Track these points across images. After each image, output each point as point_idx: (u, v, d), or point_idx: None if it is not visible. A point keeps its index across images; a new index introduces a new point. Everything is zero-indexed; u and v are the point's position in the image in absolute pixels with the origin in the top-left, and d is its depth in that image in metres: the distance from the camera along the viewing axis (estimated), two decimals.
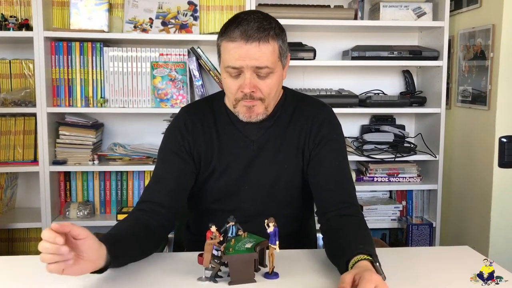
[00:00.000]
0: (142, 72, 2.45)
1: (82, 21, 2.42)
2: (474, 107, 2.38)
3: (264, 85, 1.29)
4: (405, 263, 1.26)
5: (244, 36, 1.24)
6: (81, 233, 0.99)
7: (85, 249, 1.00)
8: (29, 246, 2.61)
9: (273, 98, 1.35)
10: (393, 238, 2.75)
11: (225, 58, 1.29)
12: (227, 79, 1.31)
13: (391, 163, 2.61)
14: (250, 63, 1.25)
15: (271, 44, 1.26)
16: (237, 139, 1.40)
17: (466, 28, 2.44)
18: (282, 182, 1.40)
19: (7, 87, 2.48)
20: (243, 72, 1.27)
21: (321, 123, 1.40)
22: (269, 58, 1.26)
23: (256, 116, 1.33)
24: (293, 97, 1.46)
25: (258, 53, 1.25)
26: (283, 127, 1.41)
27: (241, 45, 1.24)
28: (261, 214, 1.23)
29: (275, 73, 1.30)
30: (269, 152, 1.40)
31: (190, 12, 2.52)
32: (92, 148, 2.46)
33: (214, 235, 1.08)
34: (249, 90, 1.28)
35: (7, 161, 2.44)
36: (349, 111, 2.53)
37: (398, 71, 2.79)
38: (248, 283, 1.11)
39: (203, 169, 1.40)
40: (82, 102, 2.43)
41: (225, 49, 1.28)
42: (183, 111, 1.46)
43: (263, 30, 1.25)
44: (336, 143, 1.40)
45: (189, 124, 1.40)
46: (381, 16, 2.49)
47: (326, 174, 1.37)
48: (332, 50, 2.72)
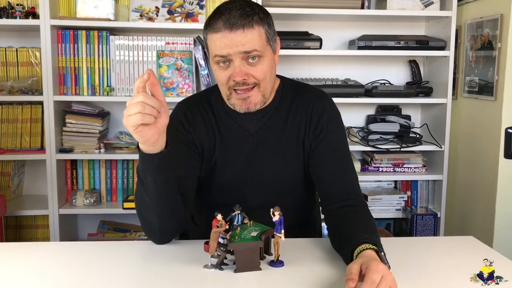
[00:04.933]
0: (148, 61, 2.46)
1: (88, 9, 2.42)
2: (480, 97, 2.37)
3: (256, 71, 1.26)
4: (410, 253, 1.27)
5: (227, 25, 1.22)
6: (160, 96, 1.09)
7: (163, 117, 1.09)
8: (36, 233, 2.63)
9: (268, 83, 1.31)
10: (397, 228, 2.75)
11: (212, 49, 1.26)
12: (217, 70, 1.28)
13: (397, 153, 2.61)
14: (237, 49, 1.22)
15: (256, 29, 1.24)
16: (236, 132, 1.38)
17: (473, 18, 2.42)
18: (283, 173, 1.40)
19: (14, 75, 2.49)
20: (232, 61, 1.25)
21: (320, 113, 1.38)
22: (256, 42, 1.23)
23: (254, 105, 1.31)
24: (290, 86, 1.43)
25: (244, 39, 1.22)
26: (282, 119, 1.39)
27: (226, 34, 1.22)
28: (264, 206, 1.23)
29: (265, 58, 1.27)
30: (269, 144, 1.38)
31: (196, 1, 2.52)
32: (98, 137, 2.47)
33: (220, 223, 1.09)
34: (240, 78, 1.25)
35: (14, 149, 2.47)
36: (355, 101, 2.52)
37: (405, 61, 2.78)
38: (253, 271, 1.12)
39: (205, 161, 1.39)
40: (89, 90, 2.44)
41: (211, 41, 1.26)
42: (180, 104, 1.43)
43: (246, 17, 1.23)
44: (336, 133, 1.39)
45: (189, 116, 1.39)
46: (388, 5, 2.48)
47: (328, 166, 1.36)
48: (339, 40, 2.71)
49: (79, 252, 1.27)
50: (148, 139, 1.09)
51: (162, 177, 1.17)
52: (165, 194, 1.20)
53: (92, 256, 1.23)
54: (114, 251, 1.27)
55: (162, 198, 1.20)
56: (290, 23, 2.63)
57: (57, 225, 2.43)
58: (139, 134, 1.08)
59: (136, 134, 1.08)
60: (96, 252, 1.26)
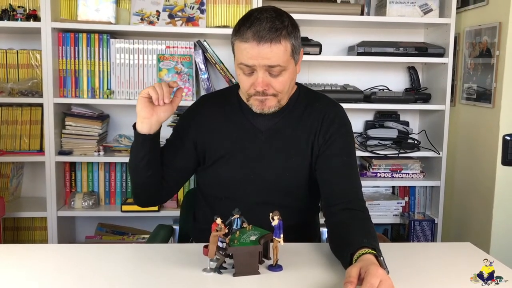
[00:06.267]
0: (148, 65, 2.46)
1: (89, 12, 2.43)
2: (478, 104, 2.38)
3: (277, 82, 1.33)
4: (407, 258, 1.27)
5: (256, 37, 1.27)
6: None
7: (167, 108, 1.35)
8: (34, 235, 2.63)
9: (286, 93, 1.39)
10: (395, 233, 2.76)
11: (238, 57, 1.33)
12: (241, 75, 1.36)
13: (395, 159, 2.62)
14: (262, 62, 1.29)
15: (283, 44, 1.29)
16: (246, 129, 1.44)
17: (472, 26, 2.44)
18: (288, 173, 1.43)
19: (14, 77, 2.50)
20: (256, 70, 1.31)
21: (331, 120, 1.43)
22: (280, 57, 1.29)
23: (268, 108, 1.38)
24: (306, 94, 1.50)
25: (270, 53, 1.28)
26: (294, 121, 1.44)
27: (253, 46, 1.28)
28: (265, 203, 1.26)
29: (287, 70, 1.33)
30: (276, 143, 1.43)
31: (197, 5, 2.53)
32: (97, 139, 2.48)
33: (220, 227, 1.10)
34: (262, 88, 1.32)
35: (14, 151, 2.46)
36: (353, 106, 2.53)
37: (403, 68, 2.79)
38: (252, 275, 1.12)
39: (209, 155, 1.45)
40: (89, 93, 2.44)
41: (238, 48, 1.32)
42: (201, 97, 1.58)
43: (275, 31, 1.27)
44: (345, 139, 1.43)
45: (202, 110, 1.49)
46: (388, 12, 2.49)
47: (333, 169, 1.39)
48: (338, 46, 2.73)
49: (77, 254, 1.27)
50: (141, 109, 1.33)
51: (142, 153, 1.37)
52: (143, 165, 1.39)
53: (90, 259, 1.24)
54: (112, 254, 1.27)
55: (139, 167, 1.40)
56: None
57: (55, 227, 2.43)
58: (140, 101, 1.33)
59: (139, 100, 1.33)
60: (94, 255, 1.26)
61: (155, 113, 1.34)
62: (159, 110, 1.34)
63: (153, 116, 1.34)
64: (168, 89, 1.33)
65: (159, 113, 1.34)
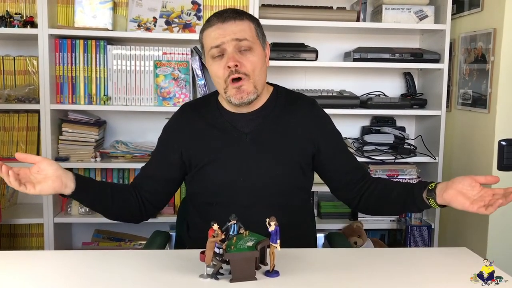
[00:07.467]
0: (145, 71, 2.47)
1: (86, 19, 2.44)
2: (474, 110, 2.39)
3: (247, 61, 1.36)
4: (404, 263, 1.28)
5: (220, 18, 1.37)
6: (35, 158, 1.33)
7: (45, 167, 1.30)
8: (30, 241, 2.62)
9: (258, 76, 1.40)
10: (392, 239, 2.76)
11: (207, 43, 1.39)
12: (213, 65, 1.39)
13: (391, 165, 2.63)
14: (229, 36, 1.35)
15: (246, 22, 1.38)
16: (230, 132, 1.44)
17: (467, 32, 2.46)
18: (277, 172, 1.44)
19: (11, 83, 2.50)
20: (225, 50, 1.35)
21: (314, 116, 1.50)
22: (247, 32, 1.37)
23: (247, 95, 1.38)
24: (284, 93, 1.53)
25: (236, 28, 1.35)
26: (276, 121, 1.46)
27: (219, 26, 1.36)
28: (256, 204, 1.26)
29: (255, 51, 1.38)
30: (262, 145, 1.44)
31: (193, 12, 2.54)
32: (94, 145, 2.48)
33: (216, 233, 1.10)
34: (233, 62, 1.34)
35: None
36: (350, 112, 2.54)
37: (399, 73, 2.81)
38: (249, 281, 1.13)
39: (195, 162, 1.45)
40: (85, 99, 2.45)
41: (206, 37, 1.40)
42: (182, 106, 1.58)
43: (237, 13, 1.39)
44: (334, 130, 1.55)
45: (183, 118, 1.50)
46: (383, 18, 2.51)
47: (341, 159, 1.52)
48: (334, 52, 2.74)
49: (74, 261, 1.27)
50: (49, 191, 1.32)
51: (84, 202, 1.46)
52: (95, 207, 1.46)
53: (87, 265, 1.23)
54: (109, 260, 1.27)
55: (95, 209, 1.48)
56: (286, 35, 2.66)
57: (52, 233, 2.42)
58: (43, 189, 1.31)
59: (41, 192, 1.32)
60: (90, 261, 1.26)
61: (47, 175, 1.33)
62: (43, 183, 1.31)
63: (51, 173, 1.32)
64: (14, 177, 1.32)
65: (48, 183, 1.31)
